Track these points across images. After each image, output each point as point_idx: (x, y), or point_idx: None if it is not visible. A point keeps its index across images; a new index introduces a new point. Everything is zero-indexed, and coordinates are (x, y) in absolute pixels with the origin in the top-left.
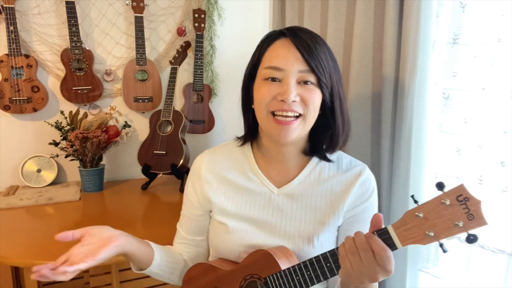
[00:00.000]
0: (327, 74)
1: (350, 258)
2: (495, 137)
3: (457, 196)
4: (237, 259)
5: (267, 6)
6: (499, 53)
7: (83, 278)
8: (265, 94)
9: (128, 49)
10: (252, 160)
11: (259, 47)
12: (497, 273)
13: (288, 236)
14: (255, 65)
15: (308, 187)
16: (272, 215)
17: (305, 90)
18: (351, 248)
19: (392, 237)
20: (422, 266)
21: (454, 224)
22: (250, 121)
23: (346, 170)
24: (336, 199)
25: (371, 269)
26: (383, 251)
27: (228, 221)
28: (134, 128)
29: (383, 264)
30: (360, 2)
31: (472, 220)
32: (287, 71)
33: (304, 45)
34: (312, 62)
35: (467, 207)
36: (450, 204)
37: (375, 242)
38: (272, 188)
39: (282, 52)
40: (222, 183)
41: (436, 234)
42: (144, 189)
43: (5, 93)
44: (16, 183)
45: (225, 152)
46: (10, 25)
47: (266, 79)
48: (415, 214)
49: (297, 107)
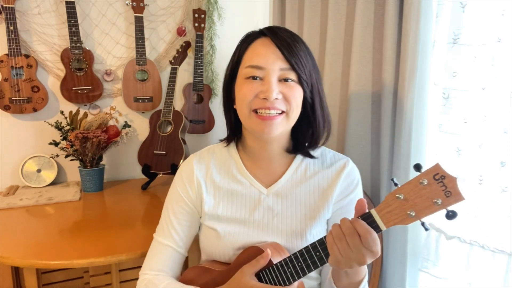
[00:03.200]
0: (307, 71)
1: (338, 244)
2: (495, 137)
3: (434, 175)
4: (230, 261)
5: (267, 6)
6: (499, 53)
7: (83, 278)
8: (247, 93)
9: (128, 49)
10: (238, 161)
11: (239, 47)
12: (497, 273)
13: (281, 234)
14: (236, 64)
15: (295, 184)
16: (263, 215)
17: (287, 87)
18: (338, 234)
19: (376, 220)
20: (422, 266)
21: (433, 202)
22: (232, 121)
23: (331, 164)
24: (324, 193)
25: (359, 252)
26: (368, 233)
27: (219, 226)
28: (134, 128)
29: (369, 246)
30: (360, 2)
31: (449, 196)
32: (268, 69)
33: (284, 43)
34: (292, 60)
35: (444, 184)
36: (428, 183)
37: (360, 225)
38: (261, 189)
39: (262, 51)
40: (211, 187)
41: (417, 214)
42: (144, 189)
43: (5, 93)
44: (16, 183)
45: (211, 155)
46: (10, 25)
47: (247, 78)
48: (396, 196)
49: (280, 104)
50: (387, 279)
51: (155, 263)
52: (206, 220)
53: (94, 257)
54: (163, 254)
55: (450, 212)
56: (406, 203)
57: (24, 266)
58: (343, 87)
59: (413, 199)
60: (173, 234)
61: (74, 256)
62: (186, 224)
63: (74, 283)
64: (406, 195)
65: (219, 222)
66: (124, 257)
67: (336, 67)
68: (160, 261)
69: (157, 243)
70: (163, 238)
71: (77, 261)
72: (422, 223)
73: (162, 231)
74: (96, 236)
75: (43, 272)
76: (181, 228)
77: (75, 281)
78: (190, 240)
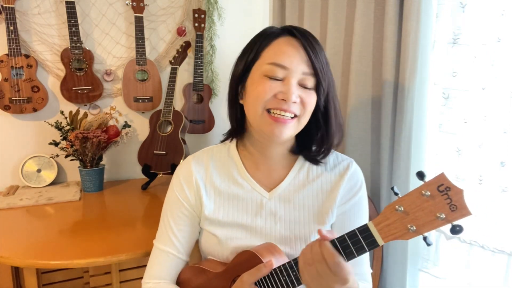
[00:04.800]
0: (326, 78)
1: (307, 271)
2: (495, 137)
3: (438, 186)
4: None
5: (267, 6)
6: (499, 53)
7: (83, 278)
8: (265, 91)
9: (128, 49)
10: (239, 162)
11: (256, 41)
12: (497, 273)
13: (285, 240)
14: (253, 60)
15: (298, 187)
16: (265, 220)
17: (305, 92)
18: (307, 260)
19: (373, 234)
20: (422, 266)
21: (436, 217)
22: (238, 116)
23: (334, 166)
24: (327, 196)
25: (328, 279)
26: (331, 257)
27: (220, 231)
28: (134, 128)
29: (336, 272)
30: (360, 2)
31: (455, 211)
32: (291, 71)
33: (311, 47)
34: (317, 65)
35: (449, 197)
36: (431, 195)
37: (326, 248)
38: (263, 193)
39: (288, 50)
40: (211, 191)
41: (418, 229)
42: (144, 189)
43: (5, 93)
44: (16, 183)
45: (209, 157)
46: (10, 25)
47: (266, 76)
48: (395, 207)
49: (296, 108)
50: (387, 279)
51: (156, 271)
52: (206, 225)
53: (94, 257)
54: (164, 261)
55: (457, 227)
56: (407, 216)
57: (24, 266)
58: (343, 87)
59: (414, 212)
60: (173, 240)
61: (74, 256)
62: (186, 229)
63: (74, 283)
64: (407, 207)
65: (220, 228)
66: (124, 257)
67: (336, 67)
68: (161, 269)
69: (158, 250)
70: (163, 244)
71: (77, 261)
72: (424, 237)
73: (162, 238)
74: (96, 236)
75: (43, 272)
76: (182, 234)
77: (75, 281)
78: (191, 245)
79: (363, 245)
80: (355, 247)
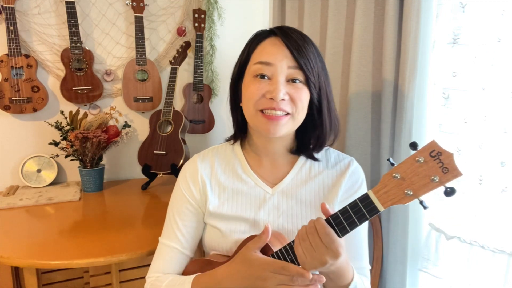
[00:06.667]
0: (315, 73)
1: (302, 245)
2: (495, 137)
3: (430, 152)
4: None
5: (267, 6)
6: (499, 53)
7: (83, 278)
8: (254, 92)
9: (128, 49)
10: (243, 159)
11: (248, 45)
12: (497, 273)
13: (287, 233)
14: (244, 62)
15: (300, 183)
16: (268, 214)
17: (294, 88)
18: (302, 234)
19: (373, 201)
20: (422, 266)
21: (431, 180)
22: (239, 118)
23: (335, 164)
24: (329, 192)
25: (319, 251)
26: (322, 228)
27: (223, 224)
28: (134, 128)
29: (327, 243)
30: (360, 2)
31: (447, 173)
32: (276, 66)
33: (293, 43)
34: (301, 60)
35: (441, 161)
36: (424, 161)
37: (318, 222)
38: (266, 188)
39: (272, 49)
40: (216, 187)
41: (414, 192)
42: (144, 189)
43: (5, 93)
44: (16, 183)
45: (214, 155)
46: (10, 25)
47: (255, 76)
48: (392, 175)
49: (286, 105)
50: (387, 279)
51: (160, 265)
52: (210, 220)
53: (94, 257)
54: (168, 256)
55: (448, 189)
56: (403, 182)
57: (24, 266)
58: (343, 87)
59: (410, 177)
60: (178, 235)
61: (74, 256)
62: (191, 225)
63: (74, 283)
64: (403, 174)
65: (223, 221)
66: (124, 257)
67: (336, 67)
68: (165, 263)
69: (163, 245)
70: (168, 240)
71: (77, 261)
72: (420, 201)
73: (167, 233)
74: (96, 236)
75: (43, 272)
76: (186, 230)
77: (75, 281)
78: (196, 241)
79: (364, 213)
80: (357, 216)
